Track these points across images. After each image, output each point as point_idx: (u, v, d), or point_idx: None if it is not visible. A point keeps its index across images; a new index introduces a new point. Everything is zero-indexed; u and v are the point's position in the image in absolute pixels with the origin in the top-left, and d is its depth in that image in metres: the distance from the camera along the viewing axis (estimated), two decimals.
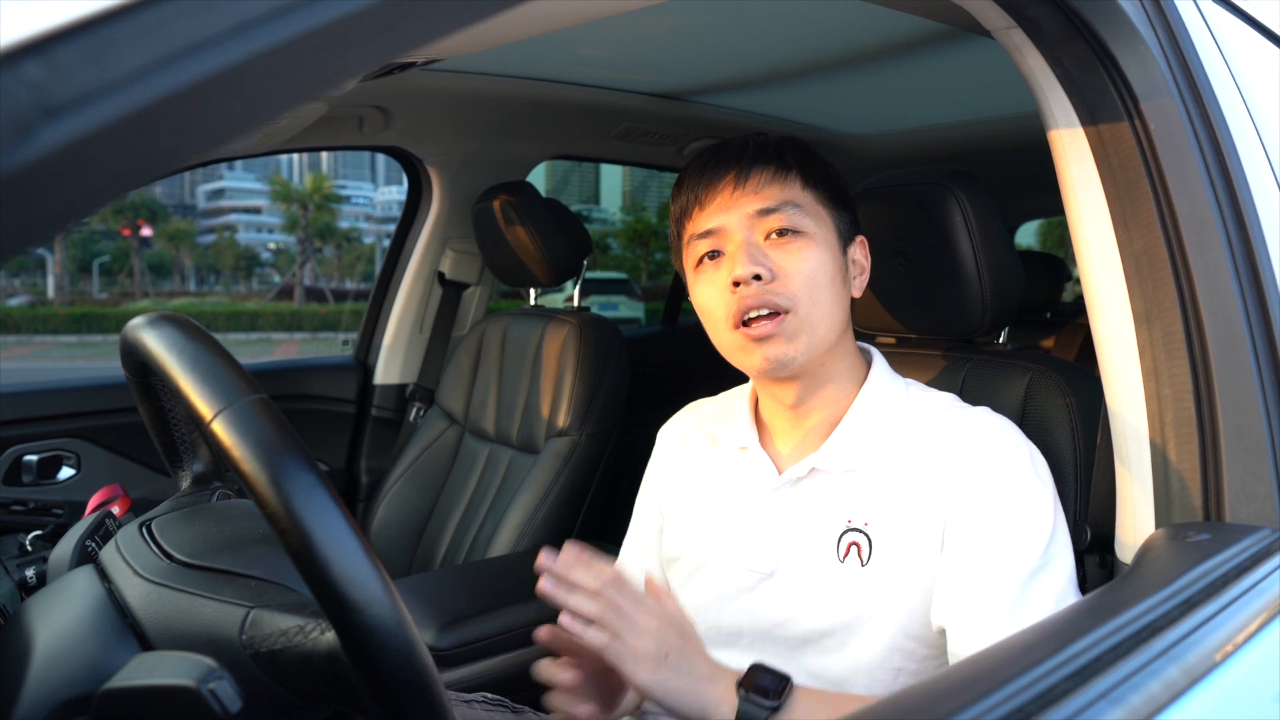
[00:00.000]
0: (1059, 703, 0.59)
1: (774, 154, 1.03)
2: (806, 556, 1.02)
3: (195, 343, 0.67)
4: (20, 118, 0.33)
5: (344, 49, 0.41)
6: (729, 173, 1.02)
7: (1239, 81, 1.02)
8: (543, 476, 1.94)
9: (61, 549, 0.94)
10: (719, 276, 1.02)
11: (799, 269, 0.99)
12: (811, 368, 1.02)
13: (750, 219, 1.01)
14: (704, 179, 1.04)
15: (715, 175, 1.03)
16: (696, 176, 1.05)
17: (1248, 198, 0.94)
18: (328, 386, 2.48)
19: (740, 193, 1.01)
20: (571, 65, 2.08)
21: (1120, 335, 0.96)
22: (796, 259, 0.99)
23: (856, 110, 2.57)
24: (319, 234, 42.18)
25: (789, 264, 0.99)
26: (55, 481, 2.06)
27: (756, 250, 0.99)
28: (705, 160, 1.05)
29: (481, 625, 1.55)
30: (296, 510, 0.57)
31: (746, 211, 1.01)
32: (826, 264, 1.01)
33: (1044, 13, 0.91)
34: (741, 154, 1.03)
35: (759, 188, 1.01)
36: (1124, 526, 0.97)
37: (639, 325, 12.97)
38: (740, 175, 1.02)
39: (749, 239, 1.00)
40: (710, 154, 1.05)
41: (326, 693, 0.66)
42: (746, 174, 1.01)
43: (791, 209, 1.01)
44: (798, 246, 1.00)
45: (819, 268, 1.00)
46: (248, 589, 0.72)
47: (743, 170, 1.02)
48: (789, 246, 1.00)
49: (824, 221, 1.03)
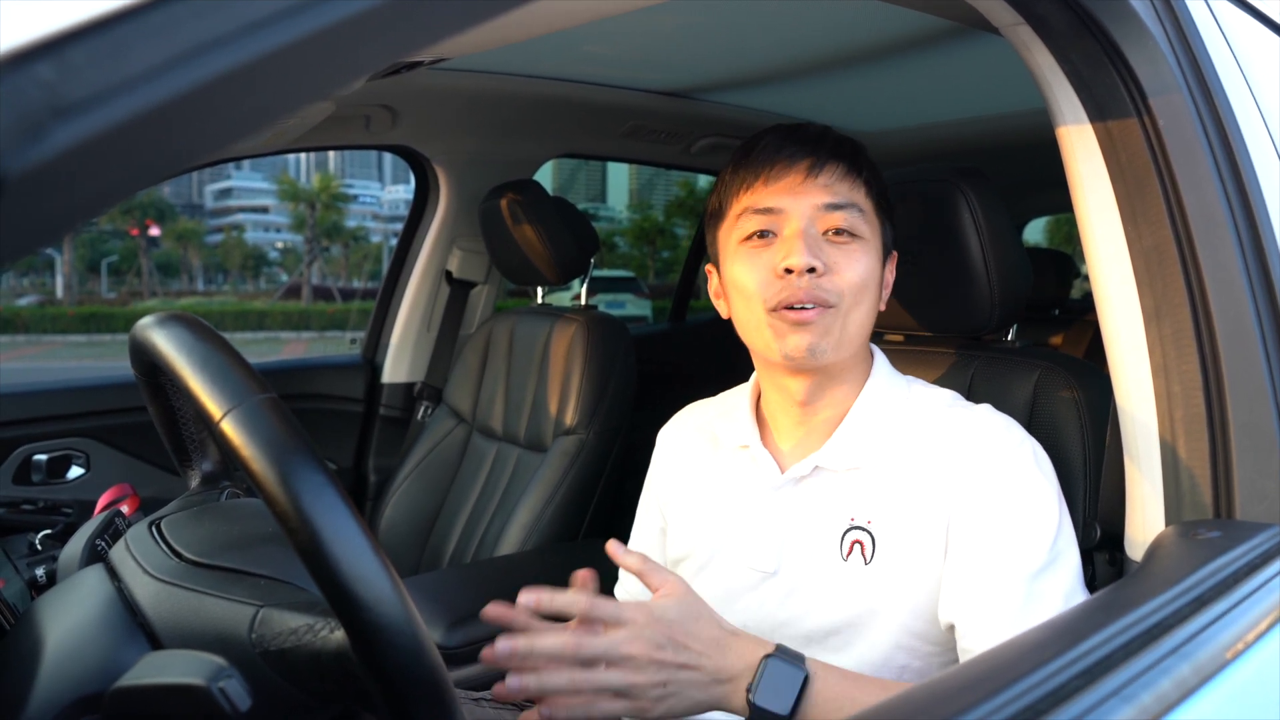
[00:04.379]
0: (1070, 700, 0.59)
1: (849, 153, 1.03)
2: (810, 555, 1.02)
3: (204, 342, 0.67)
4: (32, 118, 0.33)
5: (352, 48, 0.41)
6: (805, 158, 1.01)
7: (1249, 78, 1.02)
8: (550, 475, 1.94)
9: (71, 548, 0.95)
10: (766, 257, 1.00)
11: (852, 269, 0.99)
12: (830, 367, 1.02)
13: (815, 210, 1.00)
14: (778, 158, 1.02)
15: (791, 157, 1.01)
16: (770, 153, 1.02)
17: (1257, 194, 0.94)
18: (335, 385, 2.49)
19: (811, 181, 1.00)
20: (578, 64, 2.08)
21: (1130, 332, 0.95)
22: (851, 260, 0.99)
23: (864, 107, 2.56)
24: (326, 233, 42.28)
25: (843, 262, 0.99)
26: (64, 481, 2.07)
27: (816, 242, 0.99)
28: (781, 138, 1.03)
29: (489, 624, 1.55)
30: (305, 509, 0.57)
31: (814, 201, 1.00)
32: (874, 271, 1.02)
33: (1053, 9, 0.90)
34: (820, 143, 1.02)
35: (830, 182, 1.00)
36: (1134, 524, 0.97)
37: (646, 323, 12.96)
38: (816, 164, 1.01)
39: (809, 229, 0.99)
40: (787, 134, 1.03)
41: (336, 691, 0.67)
42: (822, 165, 1.01)
43: (855, 212, 1.01)
44: (854, 249, 1.00)
45: (869, 273, 1.01)
46: (257, 588, 0.73)
47: (819, 160, 1.01)
48: (846, 247, 1.00)
49: (876, 231, 1.03)
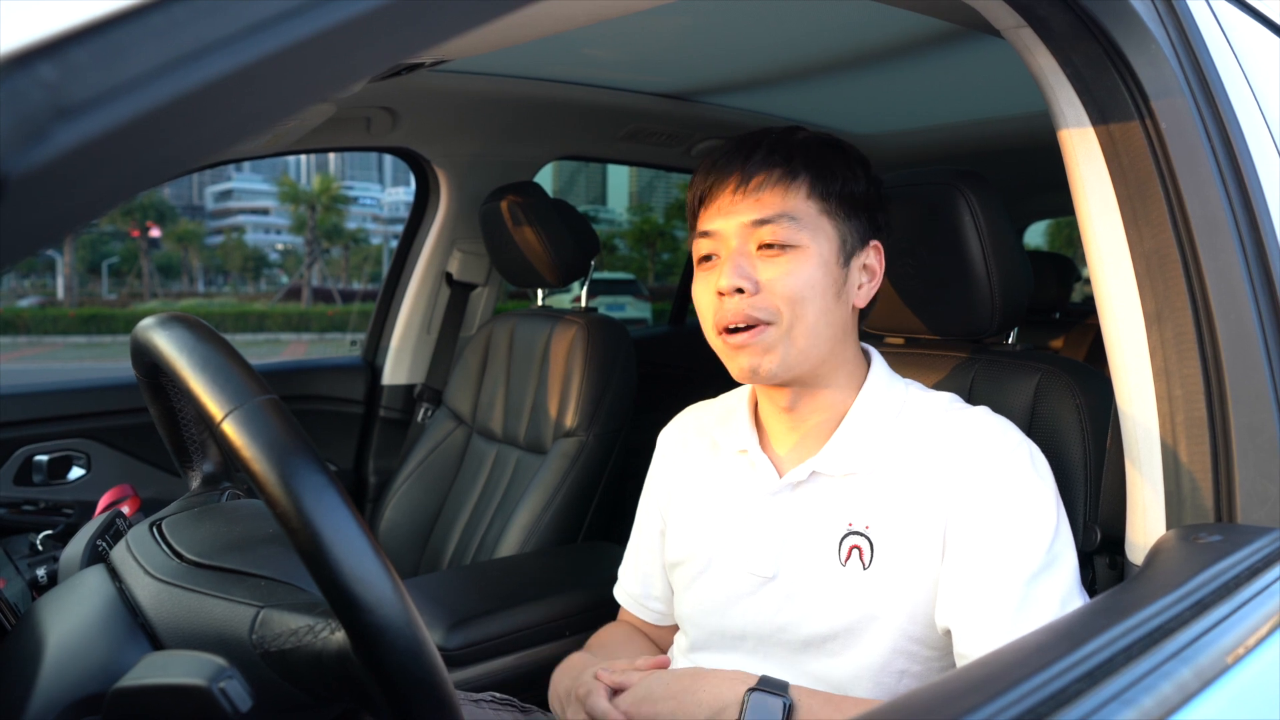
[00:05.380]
0: (1071, 704, 0.59)
1: (783, 158, 1.00)
2: (808, 560, 1.02)
3: (205, 343, 0.67)
4: (34, 119, 0.33)
5: (353, 50, 0.41)
6: (731, 175, 1.01)
7: (1251, 80, 1.02)
8: (550, 477, 1.94)
9: (72, 548, 0.95)
10: (711, 280, 1.02)
11: (784, 283, 0.98)
12: (800, 376, 1.02)
13: (745, 227, 1.00)
14: (710, 178, 1.03)
15: (720, 176, 1.02)
16: (705, 175, 1.04)
17: (1260, 197, 0.94)
18: (336, 387, 2.49)
19: (740, 197, 1.00)
20: (579, 66, 2.08)
21: (1131, 335, 0.95)
22: (783, 273, 0.98)
23: (865, 110, 2.56)
24: (327, 235, 42.32)
25: (775, 278, 0.98)
26: (65, 481, 2.07)
27: (744, 261, 0.99)
28: (715, 158, 1.04)
29: (489, 625, 1.55)
30: (306, 510, 0.57)
31: (743, 220, 1.00)
32: (816, 279, 0.99)
33: (1054, 12, 0.90)
34: (749, 156, 1.01)
35: (759, 194, 1.00)
36: (1134, 528, 0.97)
37: (646, 325, 12.96)
38: (742, 179, 1.00)
39: (740, 248, 1.00)
40: (721, 152, 1.04)
41: (336, 692, 0.66)
42: (748, 179, 1.00)
43: (787, 221, 0.99)
44: (786, 259, 0.98)
45: (806, 284, 0.98)
46: (258, 588, 0.73)
47: (745, 175, 1.00)
48: (777, 260, 0.99)
49: (823, 233, 1.00)
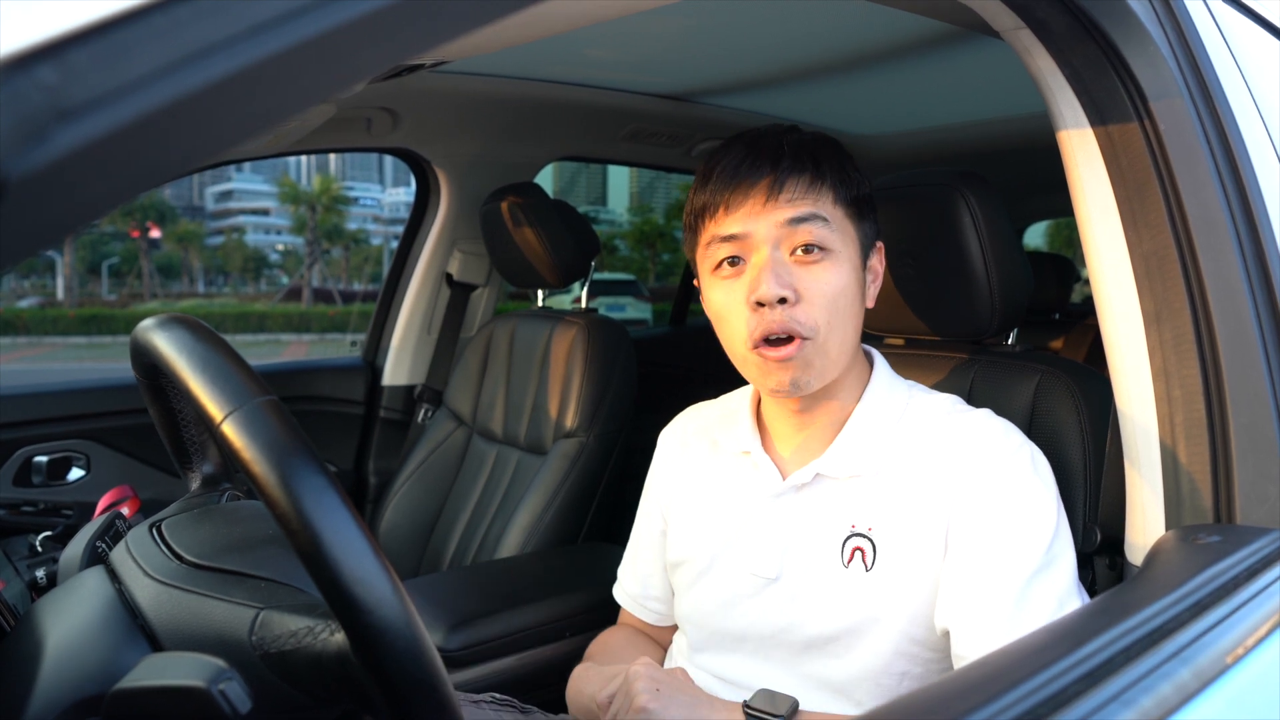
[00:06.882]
0: (1070, 704, 0.59)
1: (809, 163, 0.98)
2: (811, 562, 1.02)
3: (205, 344, 0.67)
4: (34, 121, 0.33)
5: (354, 51, 0.41)
6: (764, 178, 0.97)
7: (1249, 82, 1.02)
8: (550, 478, 1.94)
9: (72, 550, 0.95)
10: (739, 287, 0.98)
11: (823, 292, 0.96)
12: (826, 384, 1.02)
13: (779, 227, 0.96)
14: (736, 183, 0.98)
15: (751, 177, 0.97)
16: (727, 178, 0.99)
17: (1258, 198, 0.94)
18: (336, 388, 2.49)
19: (773, 201, 0.97)
20: (579, 67, 2.08)
21: (1130, 336, 0.95)
22: (821, 281, 0.96)
23: (865, 111, 2.56)
24: (327, 235, 42.29)
25: (814, 286, 0.96)
26: (65, 482, 2.07)
27: (783, 269, 0.96)
28: (738, 160, 0.99)
29: (489, 626, 1.55)
30: (306, 511, 0.57)
31: (776, 220, 0.96)
32: (850, 284, 0.98)
33: (1053, 13, 0.90)
34: (779, 159, 0.98)
35: (793, 196, 0.97)
36: (1134, 528, 0.97)
37: (646, 326, 12.97)
38: (776, 182, 0.97)
39: (775, 255, 0.96)
40: (744, 153, 0.99)
41: (336, 693, 0.66)
42: (782, 182, 0.97)
43: (821, 224, 0.97)
44: (823, 266, 0.97)
45: (842, 290, 0.97)
46: (257, 590, 0.73)
47: (779, 178, 0.97)
48: (814, 266, 0.97)
49: (849, 237, 1.00)
